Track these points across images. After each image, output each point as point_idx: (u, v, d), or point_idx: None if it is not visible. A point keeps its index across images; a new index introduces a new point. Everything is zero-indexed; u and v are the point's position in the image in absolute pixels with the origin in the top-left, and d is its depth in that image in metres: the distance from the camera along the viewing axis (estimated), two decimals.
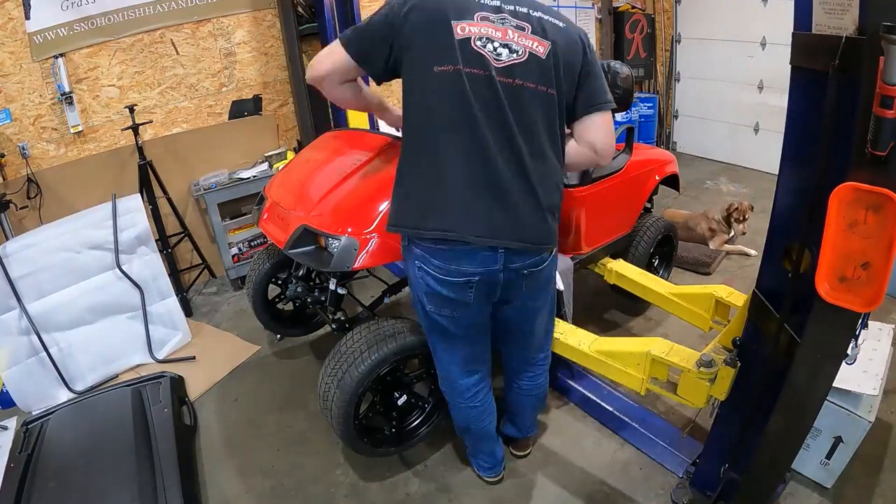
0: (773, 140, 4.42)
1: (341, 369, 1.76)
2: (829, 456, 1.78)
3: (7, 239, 2.62)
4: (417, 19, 1.30)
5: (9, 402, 2.43)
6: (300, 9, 3.45)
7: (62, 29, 2.89)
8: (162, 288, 2.80)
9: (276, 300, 2.68)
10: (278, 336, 2.83)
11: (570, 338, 1.98)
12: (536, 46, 1.32)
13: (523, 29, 1.33)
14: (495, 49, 1.30)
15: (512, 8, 1.34)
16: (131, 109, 2.94)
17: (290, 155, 3.41)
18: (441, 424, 2.06)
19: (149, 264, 2.75)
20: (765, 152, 4.65)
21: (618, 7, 5.15)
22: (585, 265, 2.46)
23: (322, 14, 3.33)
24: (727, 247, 3.51)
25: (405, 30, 1.31)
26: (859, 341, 1.21)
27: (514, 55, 1.31)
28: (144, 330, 2.71)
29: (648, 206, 2.82)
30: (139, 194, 2.88)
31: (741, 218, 3.47)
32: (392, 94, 4.14)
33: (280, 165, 2.66)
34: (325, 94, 1.53)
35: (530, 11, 1.35)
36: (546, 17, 1.36)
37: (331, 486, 2.00)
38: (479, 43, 1.29)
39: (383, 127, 3.86)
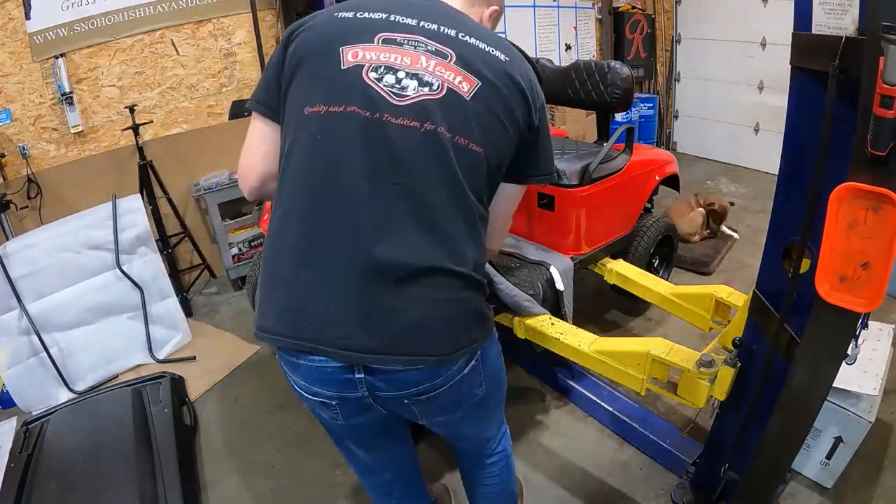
0: (773, 140, 4.42)
1: None
2: (829, 456, 1.78)
3: (7, 239, 2.61)
4: (303, 43, 0.97)
5: (9, 402, 2.43)
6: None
7: (62, 29, 2.89)
8: (162, 288, 2.80)
9: None
10: None
11: (570, 338, 1.98)
12: (459, 82, 0.93)
13: (444, 57, 0.94)
14: (399, 81, 0.92)
15: (434, 27, 0.96)
16: (131, 110, 2.94)
17: None
18: None
19: (149, 264, 2.75)
20: (765, 152, 4.65)
21: (618, 7, 5.15)
22: (585, 265, 2.46)
23: None
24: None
25: (287, 61, 0.99)
26: (859, 341, 1.21)
27: (425, 88, 0.92)
28: (145, 330, 2.71)
29: (649, 206, 2.83)
30: (139, 194, 2.88)
31: (719, 220, 3.53)
32: None
33: None
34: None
35: (459, 34, 0.97)
36: (481, 45, 0.97)
37: (331, 486, 2.00)
38: (372, 74, 0.92)
39: None
